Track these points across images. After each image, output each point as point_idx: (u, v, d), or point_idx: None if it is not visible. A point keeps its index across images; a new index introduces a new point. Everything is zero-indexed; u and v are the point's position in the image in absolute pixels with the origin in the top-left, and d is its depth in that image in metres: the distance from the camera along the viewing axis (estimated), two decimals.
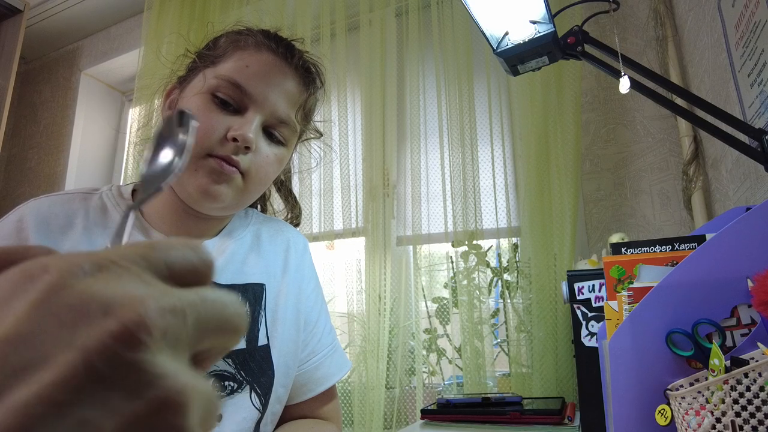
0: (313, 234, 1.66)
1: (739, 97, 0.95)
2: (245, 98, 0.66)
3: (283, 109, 0.68)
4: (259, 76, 0.66)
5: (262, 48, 0.68)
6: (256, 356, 0.69)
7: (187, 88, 0.69)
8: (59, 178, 2.38)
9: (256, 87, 0.66)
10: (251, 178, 0.67)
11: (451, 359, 1.49)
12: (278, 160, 0.70)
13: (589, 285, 0.90)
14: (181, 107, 0.68)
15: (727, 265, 0.51)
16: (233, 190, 0.66)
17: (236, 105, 0.66)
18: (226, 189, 0.65)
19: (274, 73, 0.67)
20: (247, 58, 0.67)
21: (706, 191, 1.26)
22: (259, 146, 0.67)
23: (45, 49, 2.69)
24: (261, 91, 0.66)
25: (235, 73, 0.66)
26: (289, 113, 0.69)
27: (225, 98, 0.65)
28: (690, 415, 0.47)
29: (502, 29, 0.86)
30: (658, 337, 0.52)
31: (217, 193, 0.64)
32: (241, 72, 0.66)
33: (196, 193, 0.64)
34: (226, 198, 0.65)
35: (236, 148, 0.64)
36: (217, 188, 0.64)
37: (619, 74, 0.80)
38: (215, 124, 0.64)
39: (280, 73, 0.68)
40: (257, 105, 0.66)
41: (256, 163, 0.66)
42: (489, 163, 1.48)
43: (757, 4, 0.84)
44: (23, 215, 0.64)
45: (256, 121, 0.65)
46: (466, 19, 1.55)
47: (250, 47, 0.68)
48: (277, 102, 0.67)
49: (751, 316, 0.50)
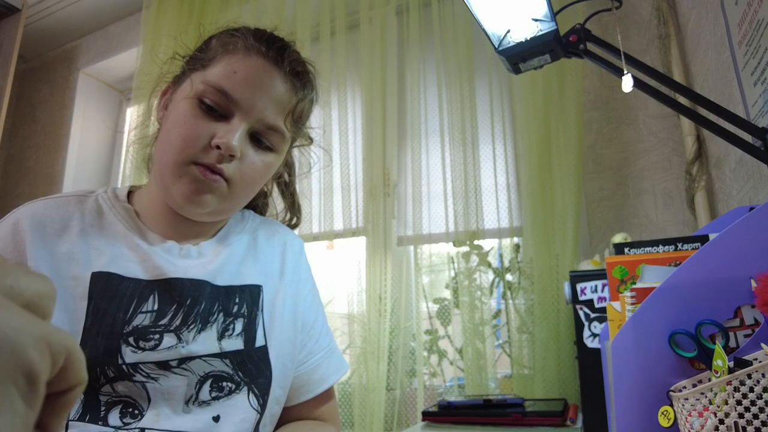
0: (313, 234, 1.65)
1: (743, 96, 0.94)
2: (231, 105, 0.65)
3: (270, 116, 0.67)
4: (247, 83, 0.65)
5: (252, 52, 0.67)
6: (254, 357, 0.68)
7: (178, 90, 0.69)
8: (57, 178, 2.38)
9: (243, 94, 0.65)
10: (236, 186, 0.66)
11: (453, 360, 1.49)
12: (266, 167, 0.69)
13: (592, 285, 0.89)
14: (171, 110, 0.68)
15: (730, 265, 0.51)
16: (217, 197, 0.65)
17: (222, 111, 0.65)
18: (210, 196, 0.65)
19: (262, 79, 0.66)
20: (235, 64, 0.66)
21: (710, 191, 1.25)
22: (246, 153, 0.66)
23: (43, 48, 2.69)
24: (248, 98, 0.65)
25: (223, 79, 0.65)
26: (277, 120, 0.68)
27: (211, 104, 0.65)
28: (693, 416, 0.46)
29: (504, 27, 0.86)
30: (661, 338, 0.52)
31: (200, 200, 0.64)
32: (229, 78, 0.65)
33: (180, 199, 0.65)
34: (210, 205, 0.65)
35: (220, 156, 0.64)
36: (200, 196, 0.64)
37: (622, 73, 0.79)
38: (200, 131, 0.64)
39: (269, 78, 0.67)
40: (243, 112, 0.65)
41: (242, 170, 0.66)
42: (490, 163, 1.48)
43: (760, 3, 0.83)
44: (19, 219, 0.64)
45: (242, 128, 0.65)
46: (467, 17, 1.55)
47: (240, 51, 0.67)
48: (265, 108, 0.66)
49: (754, 316, 0.50)
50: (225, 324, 0.67)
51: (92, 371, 0.58)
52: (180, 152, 0.64)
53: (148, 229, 0.69)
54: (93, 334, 0.59)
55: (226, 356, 0.66)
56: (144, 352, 0.61)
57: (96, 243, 0.65)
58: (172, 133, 0.65)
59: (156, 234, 0.69)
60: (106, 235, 0.66)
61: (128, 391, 0.60)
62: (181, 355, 0.63)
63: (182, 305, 0.65)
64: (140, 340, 0.61)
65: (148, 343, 0.61)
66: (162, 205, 0.69)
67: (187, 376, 0.63)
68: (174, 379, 0.62)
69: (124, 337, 0.61)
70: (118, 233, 0.67)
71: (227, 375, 0.66)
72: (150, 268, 0.65)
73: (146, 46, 2.07)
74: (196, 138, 0.63)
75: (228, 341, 0.67)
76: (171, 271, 0.66)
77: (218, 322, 0.67)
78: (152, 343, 0.62)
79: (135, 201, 0.72)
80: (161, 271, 0.65)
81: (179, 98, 0.67)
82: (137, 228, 0.68)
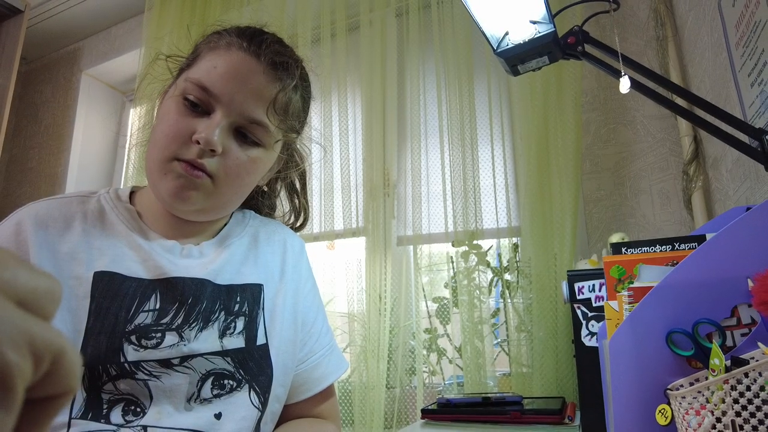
0: (314, 234, 1.66)
1: (740, 97, 0.95)
2: (212, 100, 0.65)
3: (251, 109, 0.67)
4: (226, 77, 0.66)
5: (232, 47, 0.68)
6: (255, 355, 0.69)
7: (168, 92, 0.71)
8: (60, 178, 2.38)
9: (222, 88, 0.65)
10: (221, 181, 0.66)
11: (452, 359, 1.49)
12: (252, 162, 0.69)
13: (590, 285, 0.90)
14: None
15: (727, 264, 0.51)
16: (202, 194, 0.66)
17: (204, 107, 0.66)
18: (194, 193, 0.65)
19: (241, 72, 0.66)
20: (216, 59, 0.67)
21: (707, 191, 1.26)
22: (230, 148, 0.66)
23: (46, 49, 2.69)
24: (227, 92, 0.65)
25: (203, 75, 0.66)
26: (258, 112, 0.67)
27: (194, 100, 0.65)
28: (690, 414, 0.47)
29: (503, 29, 0.86)
30: (659, 337, 0.52)
31: (185, 196, 0.64)
32: (209, 73, 0.66)
33: (166, 196, 0.65)
34: (197, 201, 0.66)
35: (201, 151, 0.64)
36: (185, 192, 0.64)
37: (620, 74, 0.80)
38: (181, 128, 0.64)
39: (247, 71, 0.67)
40: (223, 106, 0.65)
41: (226, 165, 0.66)
42: (489, 163, 1.48)
43: (757, 4, 0.84)
44: (22, 219, 0.64)
45: (223, 123, 0.65)
46: (466, 20, 1.55)
47: (221, 48, 0.68)
48: (245, 101, 0.66)
49: (751, 315, 0.50)
50: (226, 322, 0.68)
51: (94, 369, 0.59)
52: (163, 149, 0.64)
53: (150, 229, 0.69)
54: (95, 333, 0.60)
55: (228, 354, 0.67)
56: (146, 350, 0.61)
57: (98, 243, 0.66)
58: (157, 131, 0.67)
59: (157, 234, 0.69)
60: (108, 235, 0.67)
61: (130, 389, 0.60)
62: (183, 353, 0.63)
63: (184, 304, 0.65)
64: (142, 338, 0.62)
65: (150, 341, 0.62)
66: (160, 206, 0.70)
67: (189, 374, 0.63)
68: (176, 377, 0.62)
69: (126, 336, 0.61)
70: (119, 233, 0.67)
71: (228, 373, 0.66)
72: (152, 268, 0.66)
73: (148, 47, 2.07)
74: (178, 134, 0.64)
75: (229, 339, 0.67)
76: (172, 270, 0.66)
77: (219, 321, 0.67)
78: (154, 342, 0.62)
79: (137, 201, 0.73)
80: (163, 270, 0.66)
81: (167, 98, 0.69)
82: (139, 228, 0.69)
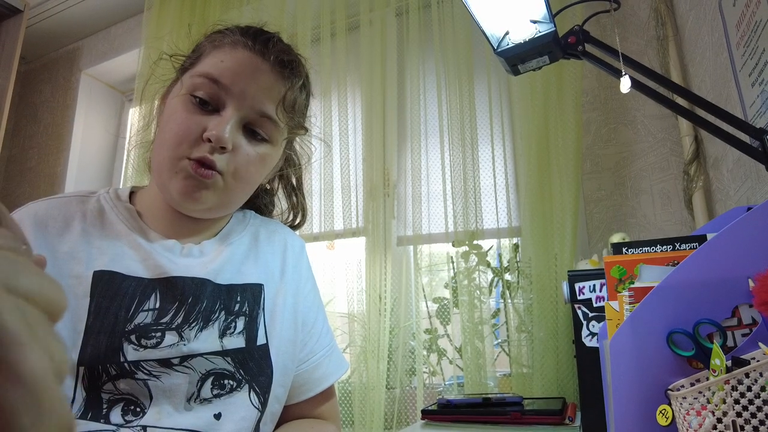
0: (314, 234, 1.66)
1: (740, 97, 0.95)
2: (222, 93, 0.65)
3: (262, 103, 0.67)
4: (235, 71, 0.66)
5: (238, 45, 0.68)
6: (255, 355, 0.69)
7: (171, 91, 0.70)
8: (59, 178, 2.38)
9: (233, 80, 0.65)
10: (231, 178, 0.66)
11: (452, 359, 1.49)
12: (261, 158, 0.69)
13: (590, 285, 0.89)
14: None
15: (728, 264, 0.51)
16: (214, 192, 0.65)
17: (214, 104, 0.66)
18: (206, 192, 0.65)
19: (249, 69, 0.67)
20: (222, 55, 0.67)
21: (707, 191, 1.25)
22: (239, 144, 0.66)
23: (45, 49, 2.69)
24: (237, 83, 0.65)
25: (211, 68, 0.66)
26: (268, 107, 0.68)
27: (203, 96, 0.65)
28: (691, 415, 0.47)
29: (503, 29, 0.86)
30: (659, 337, 0.52)
31: (196, 196, 0.64)
32: (217, 66, 0.66)
33: (177, 195, 0.65)
34: (208, 200, 0.65)
35: (212, 149, 0.64)
36: (197, 192, 0.64)
37: (620, 74, 0.79)
38: (191, 126, 0.64)
39: (256, 69, 0.67)
40: (235, 99, 0.65)
41: (236, 162, 0.66)
42: (489, 163, 1.48)
43: (758, 4, 0.84)
44: (21, 218, 0.64)
45: (234, 119, 0.65)
46: (466, 19, 1.55)
47: (226, 46, 0.68)
48: (255, 96, 0.66)
49: (752, 316, 0.50)
50: (226, 322, 0.68)
51: (94, 369, 0.59)
52: (173, 148, 0.64)
53: (150, 228, 0.69)
54: (95, 333, 0.60)
55: (228, 354, 0.66)
56: (146, 349, 0.61)
57: (98, 242, 0.65)
58: (165, 130, 0.66)
59: (158, 233, 0.69)
60: (108, 234, 0.67)
61: (130, 388, 0.60)
62: (183, 352, 0.63)
63: (184, 303, 0.65)
64: (142, 338, 0.62)
65: (149, 341, 0.62)
66: (163, 205, 0.70)
67: (189, 374, 0.63)
68: (176, 377, 0.62)
69: (126, 335, 0.61)
70: (119, 233, 0.67)
71: (228, 373, 0.66)
72: (151, 267, 0.65)
73: (148, 47, 2.07)
74: (188, 132, 0.64)
75: (229, 339, 0.67)
76: (173, 269, 0.66)
77: (220, 321, 0.67)
78: (154, 341, 0.62)
79: (137, 201, 0.73)
80: (163, 269, 0.66)
81: (171, 98, 0.69)
82: (139, 228, 0.69)
